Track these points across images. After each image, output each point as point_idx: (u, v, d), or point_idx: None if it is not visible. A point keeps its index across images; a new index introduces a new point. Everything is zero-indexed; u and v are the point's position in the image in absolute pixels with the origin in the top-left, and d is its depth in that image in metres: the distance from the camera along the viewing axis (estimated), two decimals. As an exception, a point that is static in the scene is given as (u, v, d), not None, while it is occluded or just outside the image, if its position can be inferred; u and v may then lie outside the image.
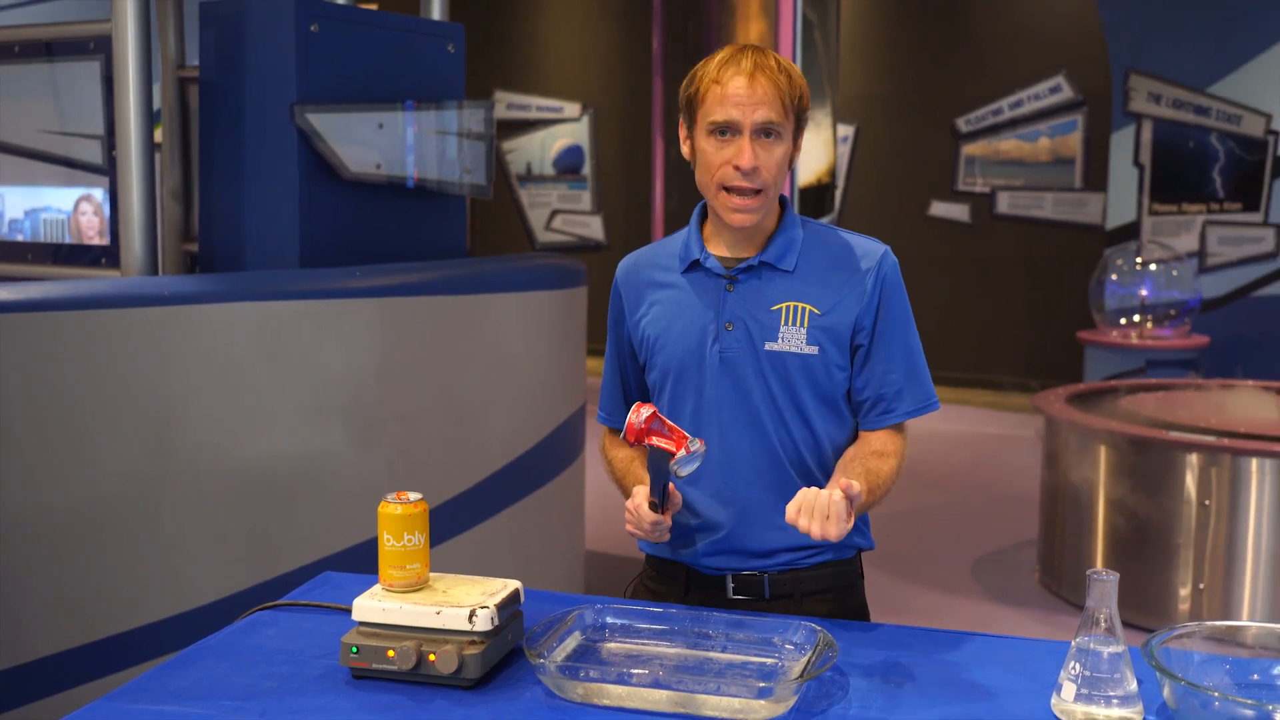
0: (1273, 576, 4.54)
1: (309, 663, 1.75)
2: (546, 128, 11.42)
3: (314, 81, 3.61)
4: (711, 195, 1.94)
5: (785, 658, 1.72)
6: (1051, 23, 9.47)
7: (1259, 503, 4.54)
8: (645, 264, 2.08)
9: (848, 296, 1.95)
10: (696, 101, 1.92)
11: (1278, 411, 5.15)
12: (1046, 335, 9.29)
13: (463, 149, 4.17)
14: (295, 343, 3.17)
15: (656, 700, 1.58)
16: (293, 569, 3.10)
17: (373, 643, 1.67)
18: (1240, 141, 7.55)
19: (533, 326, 3.92)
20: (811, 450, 1.98)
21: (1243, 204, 7.60)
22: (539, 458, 3.96)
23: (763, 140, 1.89)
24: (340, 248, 3.69)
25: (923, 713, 1.59)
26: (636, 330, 2.07)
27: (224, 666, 1.73)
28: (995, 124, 9.74)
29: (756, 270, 1.97)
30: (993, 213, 9.77)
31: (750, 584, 2.00)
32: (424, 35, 4.08)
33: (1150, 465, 4.73)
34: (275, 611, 1.96)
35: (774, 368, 1.94)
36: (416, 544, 1.74)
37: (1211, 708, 1.47)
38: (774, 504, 1.97)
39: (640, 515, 1.87)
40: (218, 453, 3.00)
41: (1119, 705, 1.54)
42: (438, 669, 1.64)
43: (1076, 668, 1.56)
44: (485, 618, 1.67)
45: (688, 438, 1.79)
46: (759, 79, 1.87)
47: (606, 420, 2.20)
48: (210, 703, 1.61)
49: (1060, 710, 1.58)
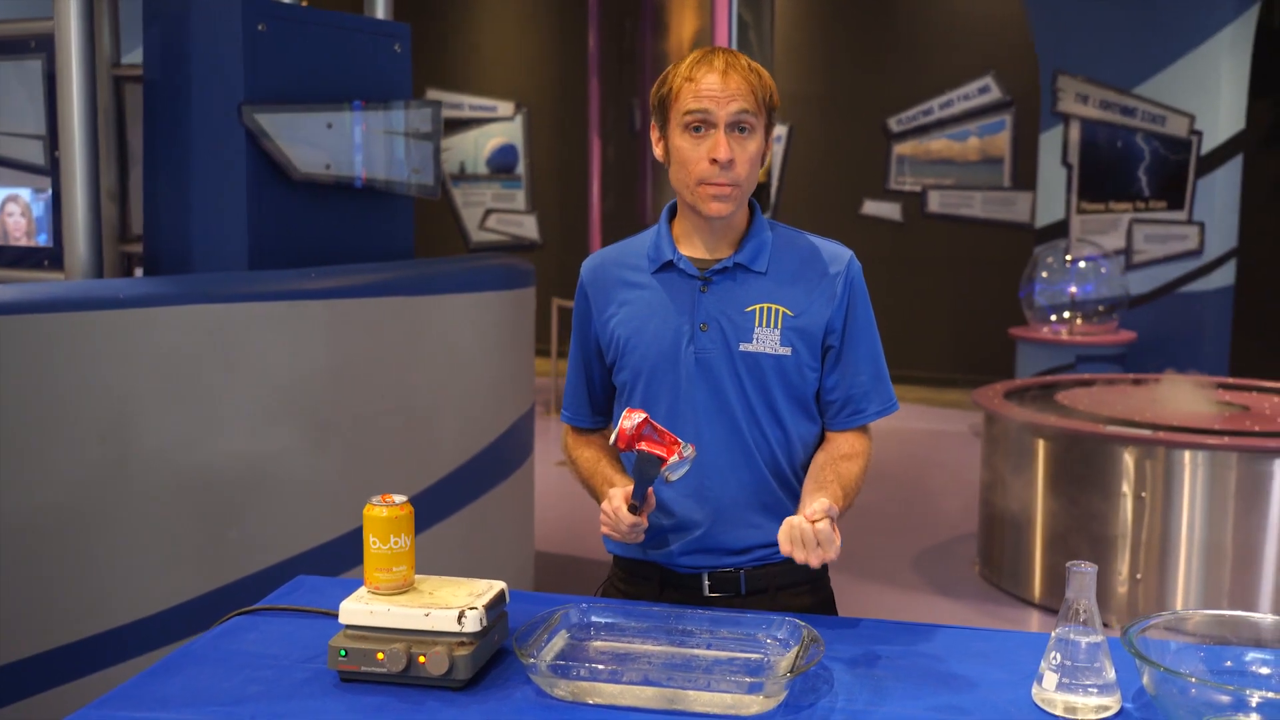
0: (1205, 566, 4.67)
1: (294, 667, 1.74)
2: (479, 127, 11.37)
3: (262, 81, 3.58)
4: (689, 191, 1.95)
5: (770, 653, 1.74)
6: (980, 24, 9.63)
7: (1192, 494, 4.66)
8: (612, 263, 2.09)
9: (818, 299, 1.99)
10: (670, 100, 1.95)
11: (1209, 404, 5.29)
12: (979, 332, 9.44)
13: (411, 149, 4.15)
14: (251, 345, 3.15)
15: (648, 697, 1.60)
16: (250, 573, 3.07)
17: (361, 645, 1.67)
18: (1165, 141, 7.73)
19: (484, 327, 3.92)
20: (784, 449, 2.02)
21: (1168, 202, 7.78)
22: (491, 459, 3.96)
23: (737, 135, 1.92)
24: (289, 249, 3.67)
25: (908, 704, 1.62)
26: (605, 330, 2.07)
27: (208, 672, 1.72)
28: (925, 124, 9.87)
29: (731, 272, 2.00)
30: (924, 211, 9.91)
31: (726, 581, 2.03)
32: (371, 35, 4.06)
33: (1088, 459, 4.84)
34: (253, 616, 1.95)
35: (749, 368, 1.97)
36: (403, 546, 1.75)
37: (1189, 694, 1.52)
38: (749, 502, 2.00)
39: (619, 517, 1.88)
40: (173, 457, 2.96)
41: (1098, 694, 1.59)
42: (428, 670, 1.65)
43: (1057, 657, 1.61)
44: (474, 619, 1.67)
45: (679, 443, 1.81)
46: (731, 74, 1.91)
47: (571, 420, 2.21)
48: (198, 709, 1.60)
49: (1041, 699, 1.62)
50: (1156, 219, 7.84)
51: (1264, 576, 4.63)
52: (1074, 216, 8.15)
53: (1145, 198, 7.85)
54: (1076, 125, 8.05)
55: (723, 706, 1.58)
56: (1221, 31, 7.43)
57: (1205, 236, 7.64)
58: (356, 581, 2.11)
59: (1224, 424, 4.95)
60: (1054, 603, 4.93)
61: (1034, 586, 5.03)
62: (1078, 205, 8.13)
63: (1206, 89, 7.55)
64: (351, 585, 2.09)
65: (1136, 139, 7.82)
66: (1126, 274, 7.85)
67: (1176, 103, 7.65)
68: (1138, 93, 7.78)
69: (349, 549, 3.32)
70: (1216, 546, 4.62)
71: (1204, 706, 1.51)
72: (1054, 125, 8.18)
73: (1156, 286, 7.81)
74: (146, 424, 2.92)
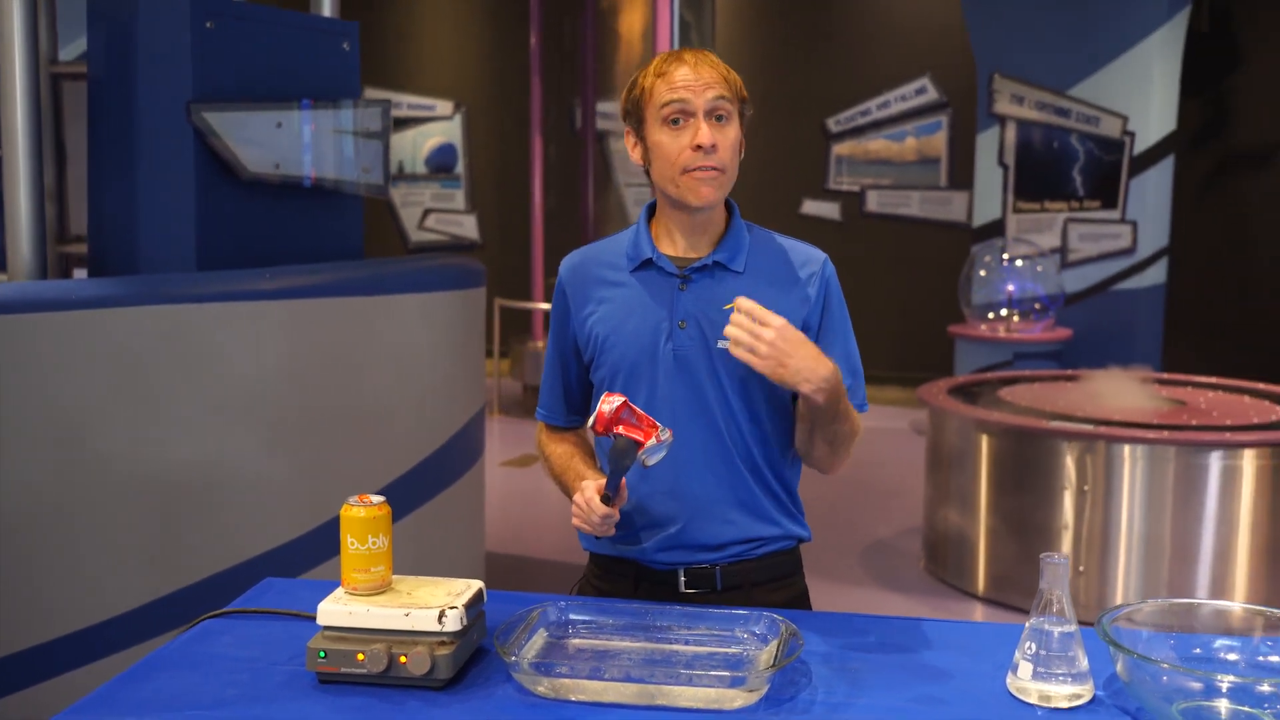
0: (1144, 558, 4.76)
1: (271, 669, 1.73)
2: (417, 126, 11.30)
3: (210, 79, 3.55)
4: (674, 184, 1.96)
5: (749, 648, 1.76)
6: (917, 26, 9.74)
7: (1132, 488, 4.75)
8: (591, 262, 2.10)
9: (794, 300, 2.01)
10: (644, 100, 1.96)
11: (1148, 399, 5.40)
12: (918, 330, 9.54)
13: (360, 148, 4.13)
14: (206, 346, 3.11)
15: (632, 694, 1.61)
16: (207, 576, 3.04)
17: (341, 646, 1.67)
18: (1099, 142, 7.87)
19: (437, 327, 3.91)
20: (760, 447, 2.03)
21: (1101, 202, 7.92)
22: (444, 460, 3.95)
23: (715, 122, 1.94)
24: (238, 249, 3.63)
25: (886, 695, 1.65)
26: (583, 328, 2.08)
27: (184, 677, 1.70)
28: (863, 125, 9.97)
29: (709, 270, 2.01)
30: (862, 211, 10.00)
31: (702, 577, 2.04)
32: (319, 33, 4.03)
33: (1031, 454, 4.92)
34: (224, 619, 1.93)
35: (726, 366, 1.99)
36: (380, 547, 1.74)
37: (1161, 680, 1.56)
38: (725, 499, 2.02)
39: (592, 508, 1.88)
40: (127, 460, 2.93)
41: (1072, 682, 1.62)
42: (409, 670, 1.64)
43: (1032, 647, 1.64)
44: (455, 618, 1.67)
45: (657, 426, 1.81)
46: (702, 65, 1.94)
47: (546, 417, 2.21)
48: (177, 713, 1.59)
49: (1016, 688, 1.65)
50: (1090, 218, 7.98)
51: (1200, 568, 4.73)
52: (1010, 216, 8.27)
53: (1079, 197, 7.98)
54: (1012, 126, 8.17)
55: (705, 701, 1.59)
56: (1153, 34, 7.58)
57: (1138, 235, 7.79)
58: (325, 583, 2.10)
59: (1162, 419, 5.06)
60: (998, 596, 5.01)
61: (978, 580, 5.11)
62: (1014, 205, 8.25)
63: (1139, 90, 7.70)
64: (320, 586, 2.08)
65: (1071, 140, 7.96)
66: (1062, 272, 7.99)
67: (1110, 104, 7.79)
68: (1072, 94, 7.91)
69: (307, 550, 3.29)
70: (1155, 539, 4.72)
71: (1175, 693, 1.55)
72: (990, 126, 8.30)
73: (1091, 284, 7.95)
74: (101, 427, 2.88)
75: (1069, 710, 1.61)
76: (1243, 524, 4.68)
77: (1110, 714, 1.60)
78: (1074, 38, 7.82)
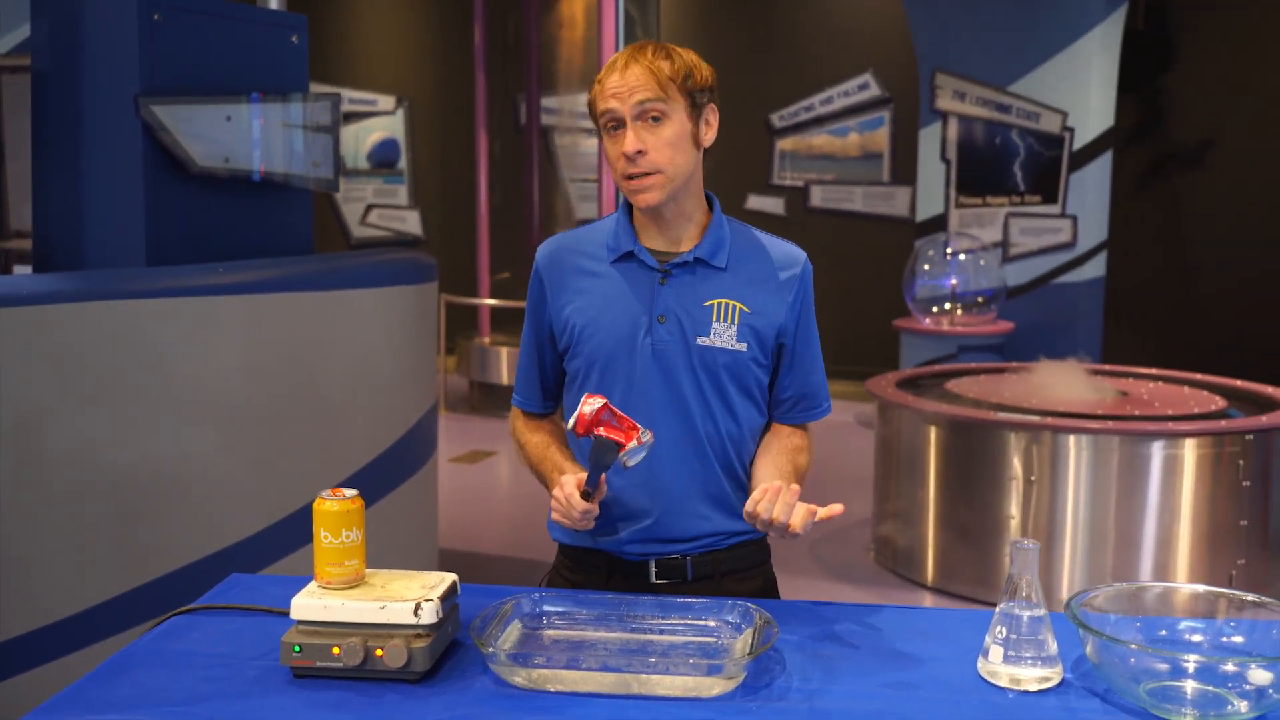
0: (1090, 546, 4.84)
1: (244, 664, 1.72)
2: (359, 121, 11.21)
3: (158, 73, 3.51)
4: (623, 188, 1.99)
5: (724, 636, 1.77)
6: (860, 23, 9.81)
7: (1077, 477, 4.83)
8: (570, 250, 2.10)
9: (774, 299, 2.03)
10: (592, 107, 2.00)
11: (1091, 390, 5.48)
12: (863, 324, 9.62)
13: (310, 142, 4.10)
14: (160, 342, 3.08)
15: (610, 683, 1.61)
16: (164, 574, 3.01)
17: (316, 641, 1.66)
18: (1039, 137, 7.98)
19: (391, 322, 3.89)
20: (735, 442, 2.05)
21: (1042, 196, 8.03)
22: (398, 456, 3.93)
23: (647, 124, 1.95)
24: (188, 244, 3.60)
25: (860, 682, 1.67)
26: (559, 317, 2.08)
27: (156, 673, 1.69)
28: (807, 120, 10.03)
29: (690, 266, 2.02)
30: (806, 206, 10.06)
31: (673, 567, 2.06)
32: (267, 26, 3.99)
33: (979, 445, 4.98)
34: (191, 616, 1.91)
35: (704, 362, 2.00)
36: (354, 540, 1.74)
37: (1128, 662, 1.59)
38: (698, 493, 2.04)
39: (572, 503, 1.89)
40: (80, 458, 2.88)
41: (1041, 665, 1.65)
42: (386, 663, 1.64)
43: (1002, 631, 1.66)
44: (431, 610, 1.67)
45: (638, 428, 1.82)
46: (631, 68, 1.94)
47: (522, 404, 2.21)
48: (153, 710, 1.57)
49: (986, 672, 1.68)
50: (1031, 213, 8.09)
51: (1144, 554, 4.82)
52: (952, 211, 8.36)
53: (1021, 192, 8.09)
54: (954, 122, 8.26)
55: (683, 689, 1.61)
56: (1091, 31, 7.70)
57: (1078, 229, 7.90)
58: (291, 578, 2.09)
59: (1106, 409, 5.14)
60: (947, 586, 5.07)
61: (927, 571, 5.16)
62: (956, 200, 8.34)
63: (1078, 87, 7.81)
64: (286, 581, 2.07)
65: (1012, 135, 8.06)
66: (1004, 266, 8.09)
67: (1050, 100, 7.90)
68: (1013, 90, 8.01)
69: (264, 547, 3.27)
70: (1100, 527, 4.80)
71: (1143, 673, 1.59)
72: (932, 122, 8.39)
73: (1032, 278, 8.06)
74: (53, 425, 2.84)
75: (1039, 693, 1.64)
76: (1184, 511, 4.77)
77: (1079, 695, 1.63)
78: (1014, 35, 7.92)
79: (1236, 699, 1.55)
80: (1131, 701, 1.59)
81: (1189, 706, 1.56)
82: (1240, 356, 8.38)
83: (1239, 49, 9.00)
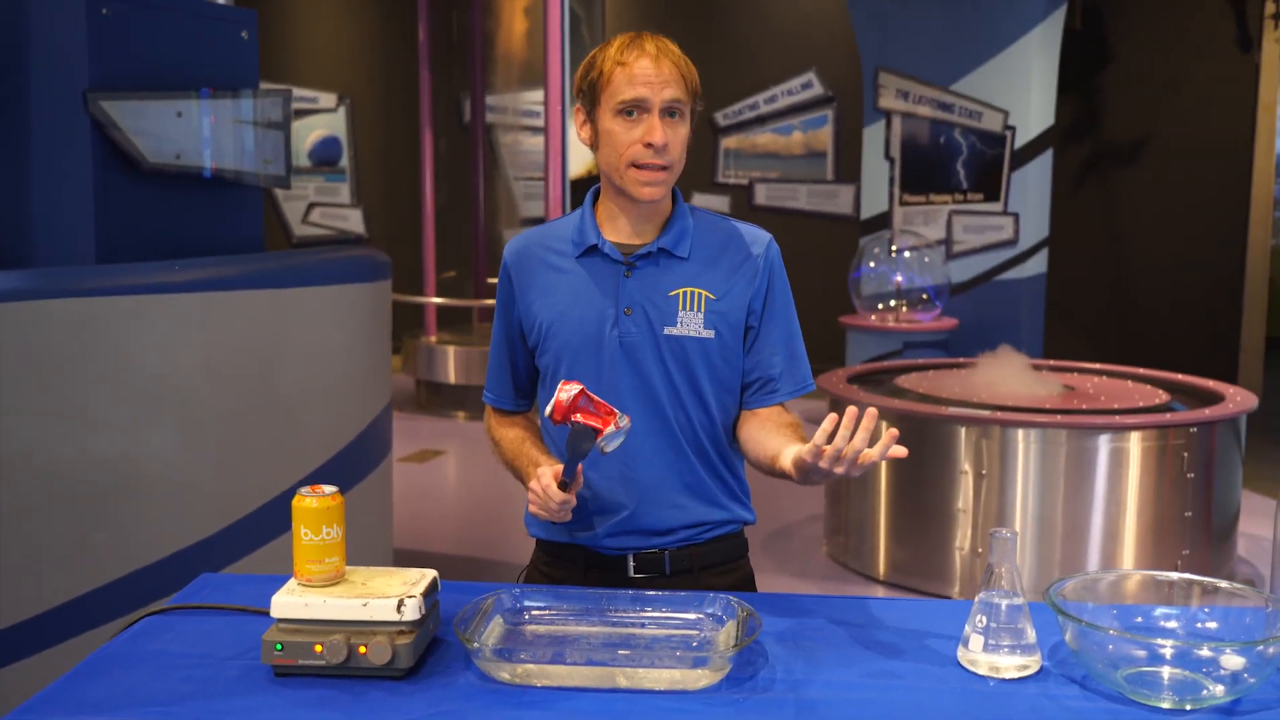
0: (1039, 538, 4.91)
1: (224, 664, 1.70)
2: (300, 118, 11.10)
3: (107, 67, 3.45)
4: (619, 174, 1.98)
5: (706, 629, 1.78)
6: (804, 22, 9.87)
7: (1025, 470, 4.90)
8: (535, 246, 2.10)
9: (739, 282, 2.04)
10: (600, 85, 1.96)
11: (1038, 385, 5.56)
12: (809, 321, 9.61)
13: (261, 139, 4.06)
14: (117, 340, 3.03)
15: (597, 677, 1.61)
16: (122, 575, 2.97)
17: (297, 639, 1.65)
18: (981, 136, 8.07)
19: (348, 320, 3.85)
20: (708, 431, 2.06)
21: (984, 194, 8.12)
22: (354, 454, 3.90)
23: (669, 119, 1.96)
24: (138, 241, 3.55)
25: (842, 672, 1.68)
26: (528, 314, 2.08)
27: (135, 674, 1.66)
28: (751, 119, 10.08)
29: (654, 257, 2.03)
30: (751, 204, 10.11)
31: (651, 561, 2.06)
32: (217, 21, 3.94)
33: (930, 439, 5.03)
34: (165, 616, 1.89)
35: (673, 352, 2.00)
36: (334, 537, 1.73)
37: (1106, 649, 1.62)
38: (673, 484, 2.04)
39: (549, 494, 1.89)
40: (37, 458, 2.83)
41: (1020, 654, 1.68)
42: (370, 660, 1.63)
43: (982, 620, 1.69)
44: (414, 607, 1.67)
45: (615, 413, 1.82)
46: (663, 60, 1.95)
47: (495, 402, 2.21)
48: (136, 711, 1.55)
49: (966, 660, 1.70)
50: (974, 210, 8.18)
51: (1091, 546, 4.90)
52: (896, 208, 8.44)
53: (964, 190, 8.18)
54: (898, 121, 8.34)
55: (670, 682, 1.61)
56: (1031, 32, 7.80)
57: (1020, 227, 8.00)
58: (262, 577, 2.07)
59: (1054, 404, 5.22)
60: (899, 580, 5.12)
61: (879, 565, 5.21)
62: (900, 198, 8.42)
63: (1019, 86, 7.91)
64: (259, 580, 2.06)
65: (954, 134, 8.15)
66: (948, 263, 8.18)
67: (991, 99, 7.99)
68: (955, 90, 8.10)
69: (223, 546, 3.23)
70: (1048, 519, 4.87)
71: (1121, 659, 1.62)
72: (876, 120, 8.45)
73: (975, 275, 8.15)
74: (9, 426, 2.79)
75: (1019, 680, 1.66)
76: (1130, 503, 4.85)
77: (1058, 682, 1.66)
78: (956, 34, 8.00)
79: (1212, 684, 1.59)
80: (1110, 687, 1.61)
81: (1166, 691, 1.59)
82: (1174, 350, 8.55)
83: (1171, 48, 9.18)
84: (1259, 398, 5.29)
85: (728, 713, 1.56)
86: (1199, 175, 9.16)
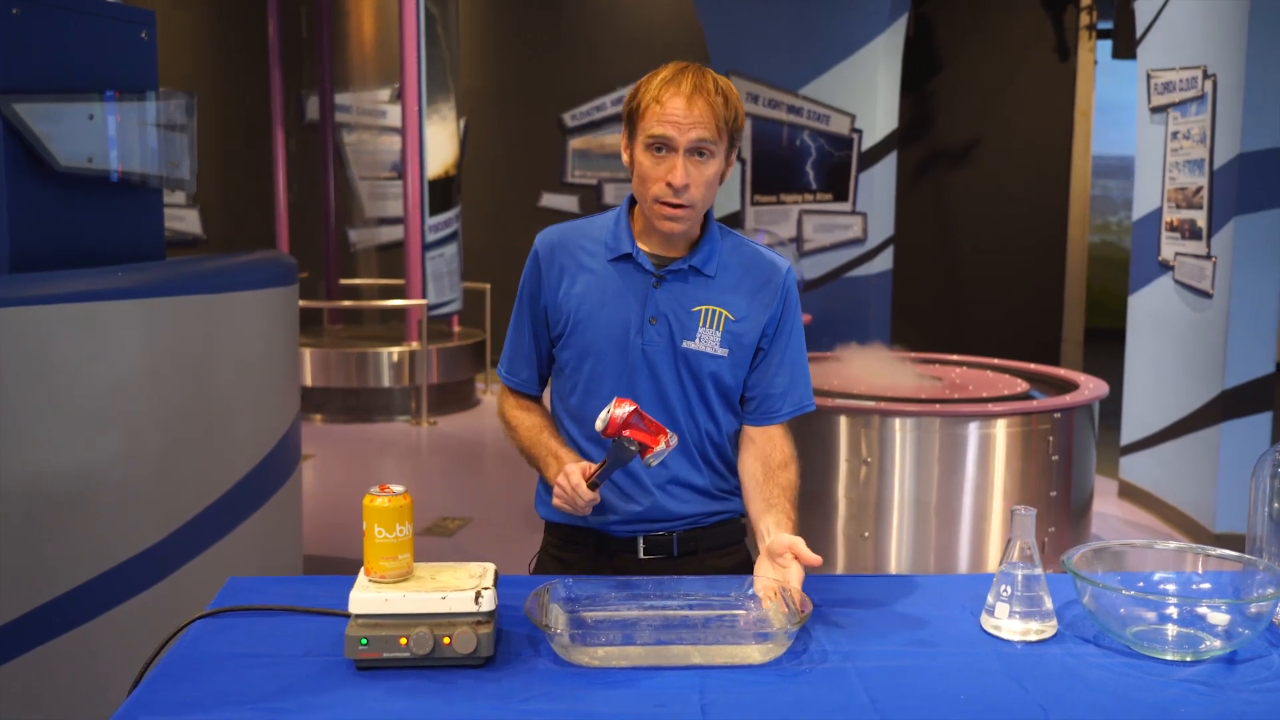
0: (914, 522, 5.18)
1: (300, 661, 1.74)
2: (131, 116, 10.74)
3: (16, 69, 3.38)
4: (646, 204, 2.08)
5: (751, 609, 1.91)
6: (654, 24, 10.07)
7: (903, 458, 5.16)
8: (570, 243, 2.18)
9: (757, 307, 2.16)
10: (638, 116, 2.05)
11: (910, 376, 5.85)
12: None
13: (166, 141, 4.01)
14: (55, 350, 2.97)
15: (672, 655, 1.72)
16: (73, 587, 2.92)
17: (381, 633, 1.71)
18: (829, 139, 8.40)
19: (270, 325, 3.84)
20: (713, 440, 2.20)
21: (833, 195, 8.45)
22: (277, 460, 3.88)
23: (695, 159, 2.02)
24: (51, 248, 3.47)
25: (883, 642, 1.83)
26: (556, 304, 2.17)
27: (215, 675, 1.69)
28: (599, 119, 10.22)
29: (683, 273, 2.13)
30: (600, 203, 10.26)
31: (660, 544, 2.20)
32: (118, 22, 3.88)
33: (813, 429, 5.26)
34: (209, 621, 1.90)
35: (689, 365, 2.13)
36: (404, 535, 1.79)
37: (1118, 611, 1.81)
38: (683, 484, 2.19)
39: (579, 493, 1.99)
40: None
41: (1039, 619, 1.86)
42: (455, 650, 1.70)
43: (1007, 589, 1.86)
44: (489, 598, 1.74)
45: (665, 431, 1.93)
46: (696, 100, 2.00)
47: (517, 385, 2.28)
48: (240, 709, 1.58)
49: (991, 626, 1.87)
50: (824, 210, 8.50)
51: (962, 529, 5.20)
52: (748, 208, 8.70)
53: (813, 190, 8.49)
54: (749, 123, 8.59)
55: (741, 657, 1.73)
56: (876, 39, 8.15)
57: (868, 226, 8.36)
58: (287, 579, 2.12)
59: (929, 393, 5.51)
60: (785, 565, 5.32)
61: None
62: (751, 197, 8.68)
63: (865, 91, 8.26)
64: (284, 582, 2.09)
65: (804, 136, 8.45)
66: (800, 261, 8.48)
67: (839, 103, 8.32)
68: (804, 93, 8.40)
69: (168, 555, 3.20)
70: (923, 504, 5.15)
71: (1131, 619, 1.81)
72: (727, 122, 8.68)
73: (826, 272, 8.48)
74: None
75: (1039, 643, 1.84)
76: (996, 487, 5.17)
77: (1075, 643, 1.84)
78: (803, 40, 8.30)
79: (1210, 637, 1.80)
80: (1121, 644, 1.81)
81: (1170, 645, 1.80)
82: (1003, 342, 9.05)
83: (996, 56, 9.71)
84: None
85: (799, 682, 1.69)
86: (1023, 176, 9.72)
